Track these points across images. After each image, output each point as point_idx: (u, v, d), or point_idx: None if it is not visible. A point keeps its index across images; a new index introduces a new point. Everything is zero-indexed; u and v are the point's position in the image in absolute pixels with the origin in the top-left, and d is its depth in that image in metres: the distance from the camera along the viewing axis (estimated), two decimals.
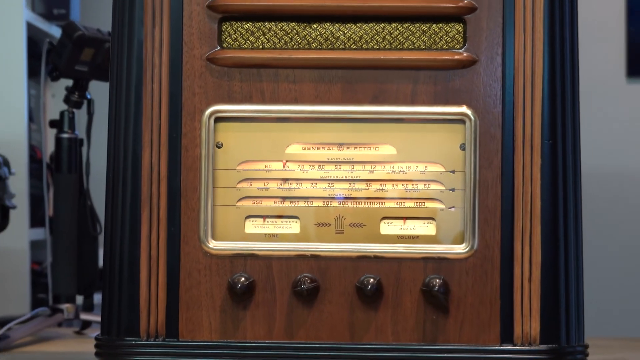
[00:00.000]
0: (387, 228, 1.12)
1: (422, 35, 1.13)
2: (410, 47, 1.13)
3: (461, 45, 1.12)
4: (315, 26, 1.13)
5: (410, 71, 1.12)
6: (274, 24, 1.14)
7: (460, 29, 1.12)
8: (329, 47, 1.13)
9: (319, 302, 1.11)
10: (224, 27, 1.13)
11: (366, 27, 1.13)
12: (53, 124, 1.77)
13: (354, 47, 1.13)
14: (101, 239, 1.70)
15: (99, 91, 1.75)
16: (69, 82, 1.77)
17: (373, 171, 1.12)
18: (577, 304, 1.11)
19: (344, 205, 1.12)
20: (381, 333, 1.11)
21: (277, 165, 1.13)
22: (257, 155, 1.13)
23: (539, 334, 1.10)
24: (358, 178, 1.12)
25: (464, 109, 1.11)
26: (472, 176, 1.11)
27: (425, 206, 1.12)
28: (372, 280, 1.10)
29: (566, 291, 1.10)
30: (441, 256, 1.11)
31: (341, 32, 1.13)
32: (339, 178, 1.12)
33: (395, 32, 1.13)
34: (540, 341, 1.10)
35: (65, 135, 1.75)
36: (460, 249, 1.11)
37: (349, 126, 1.13)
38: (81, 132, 1.76)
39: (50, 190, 1.91)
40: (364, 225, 1.12)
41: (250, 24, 1.14)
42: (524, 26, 1.11)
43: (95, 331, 1.71)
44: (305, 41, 1.13)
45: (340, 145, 1.13)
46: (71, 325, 1.75)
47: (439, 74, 1.12)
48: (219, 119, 1.12)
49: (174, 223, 1.12)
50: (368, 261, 1.11)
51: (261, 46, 1.13)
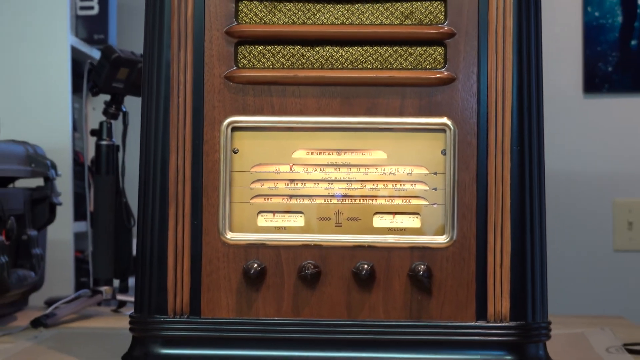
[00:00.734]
0: (379, 222, 1.12)
1: (409, 57, 1.12)
2: (398, 67, 1.12)
3: (442, 65, 1.12)
4: (317, 49, 1.13)
5: (398, 88, 1.11)
6: (282, 47, 1.13)
7: (442, 51, 1.12)
8: (329, 67, 1.13)
9: (320, 285, 1.11)
10: (239, 50, 1.13)
11: (361, 50, 1.13)
12: (93, 132, 1.76)
13: (350, 67, 1.13)
14: (134, 231, 1.70)
15: (132, 105, 1.75)
16: (107, 97, 1.76)
17: (367, 173, 1.12)
18: (542, 286, 1.11)
19: (342, 202, 1.12)
20: (374, 311, 1.10)
21: (285, 168, 1.12)
22: (268, 159, 1.12)
23: (509, 312, 1.09)
24: (354, 179, 1.12)
25: (444, 119, 1.11)
26: (452, 177, 1.10)
27: (412, 203, 1.12)
28: (366, 266, 1.09)
29: (532, 275, 1.10)
30: (425, 246, 1.10)
31: (339, 54, 1.13)
32: (337, 179, 1.12)
33: (386, 54, 1.13)
34: (510, 318, 1.09)
35: (104, 143, 1.75)
36: (441, 240, 1.10)
37: (346, 134, 1.12)
38: (117, 140, 1.76)
39: (91, 189, 1.90)
40: (359, 219, 1.12)
41: (262, 47, 1.13)
42: (495, 49, 1.10)
43: (129, 310, 1.71)
44: (309, 62, 1.13)
45: (339, 150, 1.12)
46: (109, 304, 1.74)
47: (423, 90, 1.11)
48: (235, 128, 1.12)
49: (196, 217, 1.11)
50: (363, 250, 1.11)
51: (271, 66, 1.13)
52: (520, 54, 1.10)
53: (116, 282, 1.75)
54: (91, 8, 2.65)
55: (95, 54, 2.55)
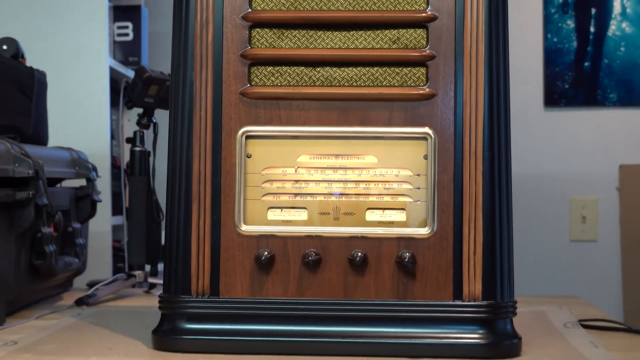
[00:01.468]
0: (371, 216, 1.11)
1: (396, 76, 1.12)
2: (387, 84, 1.12)
3: (424, 83, 1.11)
4: (318, 69, 1.13)
5: (387, 102, 1.11)
6: (288, 67, 1.13)
7: (424, 71, 1.12)
8: (329, 84, 1.13)
9: (321, 270, 1.10)
10: (252, 70, 1.13)
11: (355, 70, 1.12)
12: (128, 140, 1.76)
13: (346, 85, 1.12)
14: (163, 224, 1.70)
15: (161, 117, 1.74)
16: (140, 110, 1.76)
17: (360, 174, 1.12)
18: (509, 271, 1.11)
19: (339, 200, 1.12)
20: (366, 292, 1.10)
21: (291, 170, 1.12)
22: (276, 162, 1.12)
23: (481, 293, 1.09)
24: (349, 179, 1.12)
25: (426, 129, 1.11)
26: (433, 178, 1.10)
27: (399, 200, 1.11)
28: (360, 254, 1.09)
29: (500, 262, 1.10)
30: (410, 236, 1.10)
31: (337, 74, 1.13)
32: (335, 179, 1.12)
33: (377, 74, 1.12)
34: (482, 298, 1.09)
35: (137, 149, 1.74)
36: (424, 231, 1.10)
37: (343, 142, 1.12)
38: (149, 146, 1.76)
39: (126, 188, 1.90)
40: (354, 214, 1.11)
41: (271, 67, 1.13)
42: (470, 70, 1.10)
43: (159, 291, 1.71)
44: (311, 80, 1.13)
45: (337, 155, 1.12)
46: (141, 286, 1.74)
47: (408, 104, 1.11)
48: (248, 137, 1.12)
49: (216, 212, 1.11)
50: (357, 240, 1.11)
51: (279, 84, 1.13)
52: (490, 74, 1.10)
53: (147, 267, 1.75)
54: (127, 35, 2.65)
55: (130, 73, 2.55)
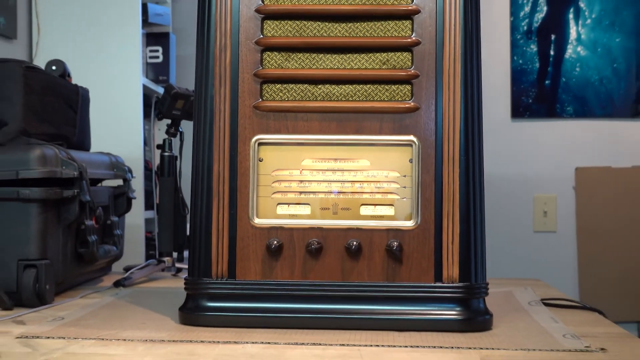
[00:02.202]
0: (364, 210, 1.11)
1: (386, 92, 1.12)
2: (378, 99, 1.12)
3: (410, 98, 1.11)
4: (319, 86, 1.13)
5: (378, 114, 1.11)
6: (294, 85, 1.13)
7: (409, 88, 1.11)
8: (328, 99, 1.12)
9: (322, 257, 1.10)
10: (263, 87, 1.13)
11: (351, 87, 1.12)
12: (159, 146, 1.76)
13: (343, 100, 1.12)
14: (188, 217, 1.70)
15: (186, 126, 1.74)
16: (168, 121, 1.76)
17: (355, 175, 1.12)
18: (482, 257, 1.11)
19: (338, 197, 1.11)
20: (360, 275, 1.10)
21: (296, 172, 1.12)
22: (284, 165, 1.12)
23: (458, 276, 1.09)
24: (346, 180, 1.11)
25: (411, 137, 1.10)
26: (417, 179, 1.10)
27: (388, 197, 1.11)
28: (355, 243, 1.09)
29: (474, 249, 1.09)
30: (397, 228, 1.10)
31: (336, 90, 1.12)
32: (334, 180, 1.12)
33: (369, 90, 1.12)
34: (459, 280, 1.09)
35: (166, 154, 1.74)
36: (409, 224, 1.10)
37: (340, 148, 1.12)
38: (176, 152, 1.75)
39: (156, 187, 1.90)
40: (350, 209, 1.11)
41: (280, 85, 1.13)
42: (448, 87, 1.10)
43: (184, 274, 1.70)
44: (313, 96, 1.13)
45: (335, 159, 1.12)
46: (170, 270, 1.74)
47: (396, 115, 1.11)
48: (260, 143, 1.12)
49: (232, 208, 1.11)
50: (352, 231, 1.10)
51: (286, 99, 1.13)
52: (465, 90, 1.10)
53: (175, 254, 1.75)
54: (157, 57, 2.65)
55: (160, 90, 2.56)
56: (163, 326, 1.11)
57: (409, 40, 1.11)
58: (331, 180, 1.12)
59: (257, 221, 1.11)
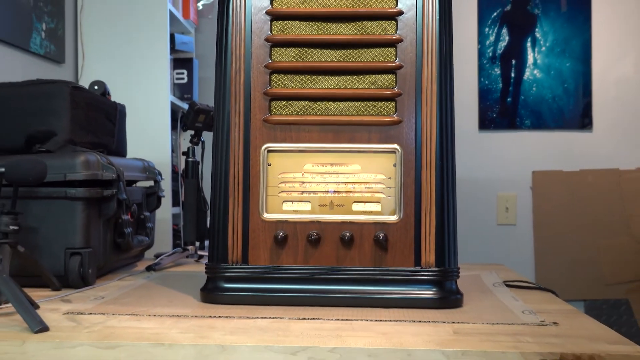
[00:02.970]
0: (356, 207, 1.11)
1: (374, 108, 1.12)
2: (367, 114, 1.12)
3: (394, 112, 1.11)
4: (319, 103, 1.13)
5: (367, 126, 1.11)
6: (297, 102, 1.13)
7: (394, 104, 1.11)
8: (326, 114, 1.12)
9: (320, 246, 1.10)
10: (272, 104, 1.13)
11: (345, 104, 1.12)
12: (184, 153, 1.76)
13: (338, 114, 1.12)
14: (208, 213, 1.70)
15: (207, 137, 1.74)
16: (192, 132, 1.76)
17: (349, 178, 1.11)
18: (454, 246, 1.10)
19: (334, 195, 1.11)
20: (352, 261, 1.10)
21: (299, 175, 1.12)
22: (289, 169, 1.12)
23: (434, 261, 1.09)
24: (341, 181, 1.11)
25: (395, 145, 1.10)
26: (400, 180, 1.10)
27: (375, 196, 1.11)
28: (348, 234, 1.09)
29: (448, 239, 1.09)
30: (384, 222, 1.10)
31: (332, 106, 1.12)
32: (331, 181, 1.11)
33: (360, 106, 1.12)
34: (435, 265, 1.09)
35: (190, 159, 1.74)
36: (394, 218, 1.10)
37: (336, 154, 1.12)
38: (198, 158, 1.75)
39: (182, 188, 1.90)
40: (344, 206, 1.11)
41: (285, 102, 1.13)
42: (426, 103, 1.10)
43: (205, 260, 1.70)
44: (313, 111, 1.13)
45: (332, 164, 1.12)
46: (193, 257, 1.74)
47: (382, 127, 1.11)
48: (269, 151, 1.12)
49: (246, 204, 1.11)
50: (346, 224, 1.10)
51: (290, 114, 1.13)
52: (440, 106, 1.10)
53: (197, 244, 1.75)
54: (183, 79, 2.65)
55: (185, 106, 2.55)
56: (187, 304, 1.11)
57: (393, 64, 1.11)
58: (328, 182, 1.12)
59: (266, 216, 1.11)
